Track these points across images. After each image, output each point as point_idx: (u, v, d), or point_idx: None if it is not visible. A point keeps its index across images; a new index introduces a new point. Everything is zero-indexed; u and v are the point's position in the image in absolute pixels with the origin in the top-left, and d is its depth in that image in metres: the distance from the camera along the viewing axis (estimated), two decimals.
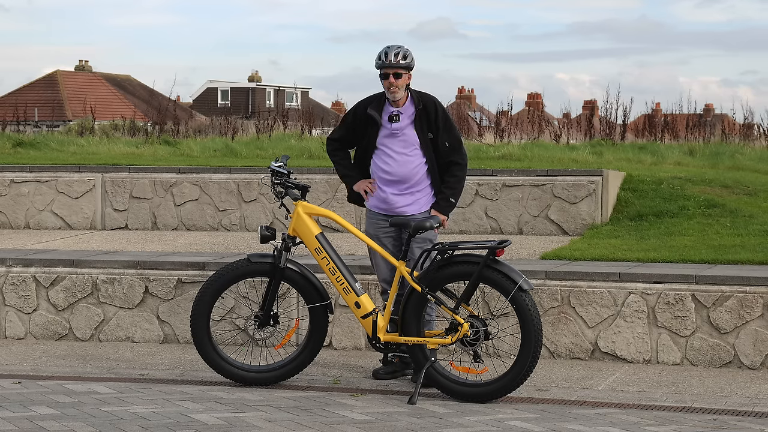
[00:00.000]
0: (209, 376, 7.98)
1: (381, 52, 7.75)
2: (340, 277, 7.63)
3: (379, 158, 7.83)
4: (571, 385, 7.86)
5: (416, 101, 7.78)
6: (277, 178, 7.74)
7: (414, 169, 7.76)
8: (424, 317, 7.51)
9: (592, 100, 34.52)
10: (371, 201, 7.90)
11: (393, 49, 7.73)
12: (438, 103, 7.83)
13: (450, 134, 7.78)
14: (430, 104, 7.78)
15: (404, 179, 7.76)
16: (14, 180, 12.76)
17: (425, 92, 7.87)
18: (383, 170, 7.81)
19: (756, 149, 17.19)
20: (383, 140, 7.80)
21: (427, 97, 7.82)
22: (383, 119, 7.78)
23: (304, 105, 45.15)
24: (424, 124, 7.75)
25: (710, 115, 39.44)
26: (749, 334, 8.30)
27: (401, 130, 7.76)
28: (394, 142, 7.77)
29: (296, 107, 41.23)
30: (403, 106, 7.78)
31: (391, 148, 7.77)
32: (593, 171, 11.76)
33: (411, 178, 7.77)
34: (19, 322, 9.68)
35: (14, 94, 50.41)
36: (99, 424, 6.45)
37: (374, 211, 7.89)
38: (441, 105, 7.84)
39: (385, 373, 7.92)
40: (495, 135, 18.84)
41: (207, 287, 7.77)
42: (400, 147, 7.77)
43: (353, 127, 7.92)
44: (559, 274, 8.75)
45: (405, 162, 7.75)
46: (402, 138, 7.76)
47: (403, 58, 7.70)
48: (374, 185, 7.85)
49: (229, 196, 12.26)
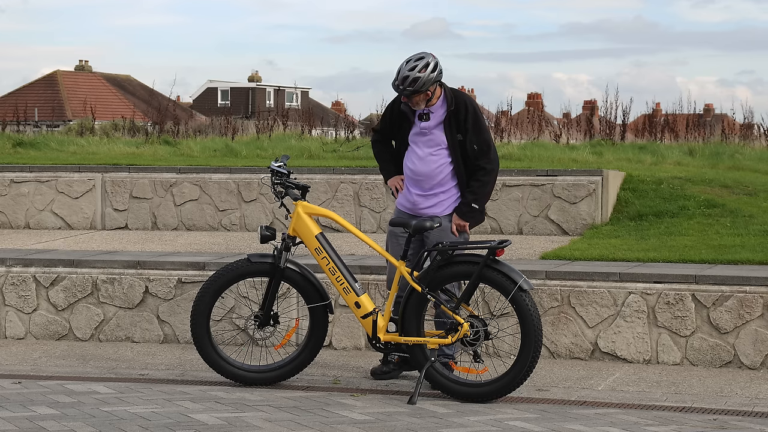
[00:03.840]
0: (209, 376, 7.98)
1: (398, 69, 7.50)
2: (340, 277, 7.62)
3: (408, 156, 7.76)
4: (571, 385, 7.86)
5: (449, 101, 7.62)
6: (277, 178, 7.73)
7: (437, 169, 7.64)
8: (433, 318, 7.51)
9: (592, 100, 34.49)
10: (399, 199, 7.87)
11: (405, 74, 7.45)
12: (471, 103, 7.66)
13: (478, 137, 7.60)
14: (462, 104, 7.61)
15: (427, 179, 7.66)
16: (14, 180, 12.76)
17: (460, 91, 7.72)
18: (410, 168, 7.74)
19: (756, 149, 17.18)
20: (413, 138, 7.72)
21: (460, 97, 7.65)
22: (414, 117, 7.69)
23: (304, 105, 45.18)
24: (453, 126, 7.60)
25: (710, 115, 39.47)
26: (749, 334, 8.30)
27: (429, 129, 7.65)
28: (422, 141, 7.69)
29: (296, 107, 41.26)
30: (435, 105, 7.65)
31: (419, 147, 7.69)
32: (593, 171, 11.75)
33: (434, 177, 7.66)
34: (19, 322, 9.68)
35: (14, 94, 50.44)
36: (99, 424, 6.45)
37: (399, 209, 7.86)
38: (474, 106, 7.68)
39: (382, 373, 7.90)
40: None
41: (207, 287, 7.78)
42: (427, 146, 7.67)
43: (391, 120, 7.84)
44: (559, 274, 8.75)
45: (429, 161, 7.65)
46: (430, 137, 7.66)
47: (411, 84, 7.43)
48: (403, 184, 7.83)
49: (229, 196, 12.26)
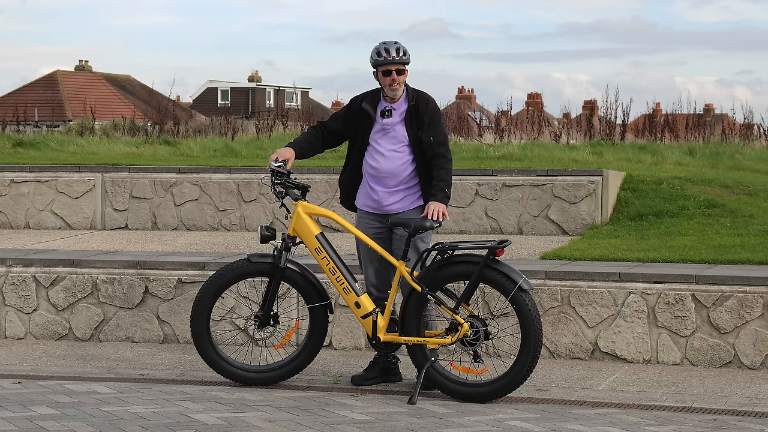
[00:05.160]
0: (209, 376, 7.98)
1: (379, 48, 7.65)
2: (340, 277, 7.62)
3: (369, 155, 7.75)
4: (571, 385, 7.86)
5: (410, 98, 7.70)
6: (277, 177, 7.73)
7: (401, 166, 7.66)
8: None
9: (591, 100, 34.52)
10: (360, 200, 7.84)
11: (392, 45, 7.65)
12: (431, 100, 7.73)
13: (435, 130, 7.63)
14: (422, 101, 7.68)
15: (391, 176, 7.67)
16: (14, 180, 12.76)
17: (422, 90, 7.78)
18: (372, 166, 7.73)
19: (756, 149, 17.18)
20: (374, 136, 7.72)
21: (420, 94, 7.74)
22: (376, 114, 7.71)
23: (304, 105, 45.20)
24: (413, 121, 7.65)
25: (710, 115, 39.50)
26: (749, 334, 8.30)
27: (392, 126, 7.68)
28: (384, 139, 7.69)
29: (296, 107, 41.26)
30: (397, 101, 7.70)
31: (381, 145, 7.69)
32: (593, 171, 11.75)
33: (398, 174, 7.67)
34: (19, 322, 9.68)
35: (14, 94, 50.42)
36: (99, 424, 6.45)
37: (364, 210, 7.83)
38: (433, 103, 7.74)
39: (364, 380, 7.77)
40: (495, 135, 18.83)
41: (207, 287, 7.78)
42: (390, 143, 7.68)
43: (345, 118, 7.84)
44: (559, 274, 8.75)
45: (392, 158, 7.66)
46: (392, 134, 7.68)
47: (404, 54, 7.64)
48: (284, 158, 7.69)
49: (229, 196, 12.26)
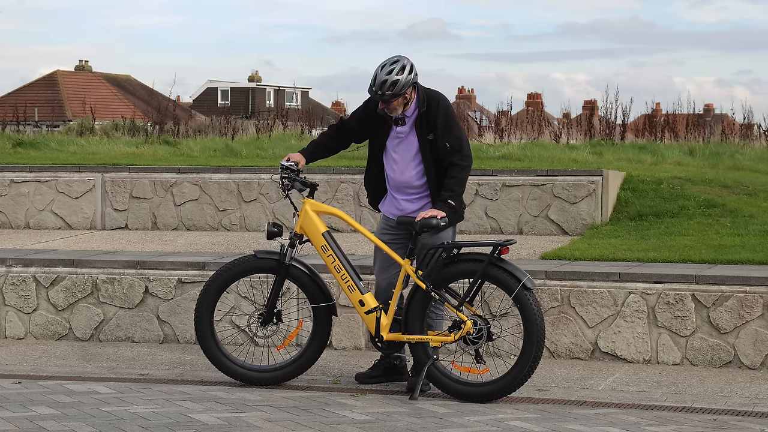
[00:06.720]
0: (209, 376, 7.98)
1: (375, 73, 7.36)
2: (345, 275, 7.59)
3: (387, 163, 7.62)
4: (571, 385, 7.86)
5: (421, 103, 7.48)
6: (286, 173, 7.74)
7: (415, 175, 7.54)
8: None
9: (591, 100, 34.49)
10: (384, 205, 7.74)
11: (381, 77, 7.29)
12: (442, 100, 7.50)
13: (450, 134, 7.43)
14: (433, 103, 7.47)
15: (407, 185, 7.57)
16: (14, 180, 12.76)
17: (434, 90, 7.56)
18: (389, 175, 7.63)
19: (756, 149, 17.18)
20: (391, 143, 7.57)
21: (431, 95, 7.50)
22: (391, 121, 7.53)
23: (304, 105, 45.21)
24: (424, 126, 7.46)
25: (710, 115, 39.52)
26: (749, 334, 8.30)
27: (405, 134, 7.52)
28: (399, 147, 7.55)
29: (296, 107, 41.31)
30: (410, 108, 7.50)
31: (397, 152, 7.56)
32: (593, 171, 11.75)
33: (412, 183, 7.57)
34: (19, 322, 9.68)
35: (14, 94, 50.45)
36: (99, 424, 6.45)
37: (389, 217, 7.70)
38: (445, 103, 7.51)
39: (368, 378, 7.77)
40: (495, 135, 18.83)
41: (212, 282, 7.75)
42: (403, 151, 7.53)
43: (360, 118, 7.68)
44: (559, 274, 8.75)
45: (408, 167, 7.53)
46: (405, 143, 7.53)
47: (390, 88, 7.27)
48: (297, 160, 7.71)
49: (229, 196, 12.26)
